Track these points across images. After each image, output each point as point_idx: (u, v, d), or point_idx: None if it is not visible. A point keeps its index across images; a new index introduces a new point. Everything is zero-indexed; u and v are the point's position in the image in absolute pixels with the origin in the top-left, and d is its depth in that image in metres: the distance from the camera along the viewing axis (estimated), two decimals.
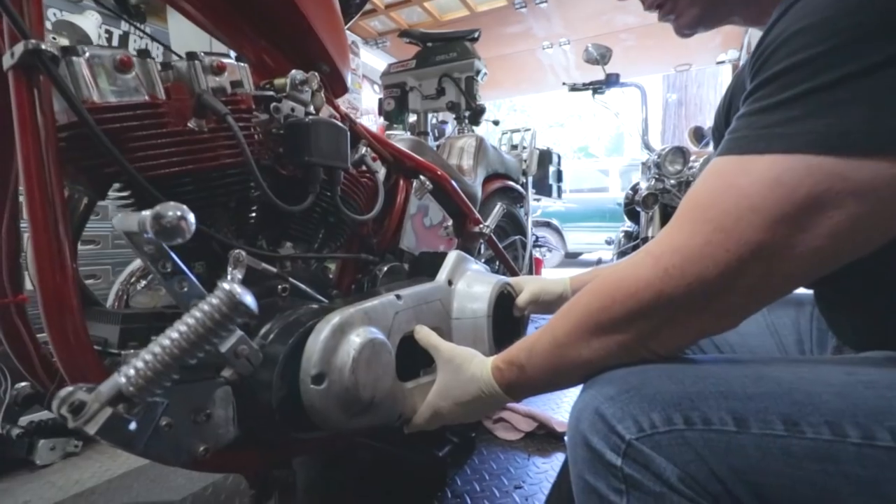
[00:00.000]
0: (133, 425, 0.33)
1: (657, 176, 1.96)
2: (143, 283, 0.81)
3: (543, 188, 3.02)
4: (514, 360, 0.56)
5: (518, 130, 2.02)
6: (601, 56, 2.29)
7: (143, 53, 0.57)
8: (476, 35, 2.82)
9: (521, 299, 0.93)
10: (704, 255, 0.41)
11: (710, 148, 2.77)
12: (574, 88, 2.47)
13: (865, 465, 0.35)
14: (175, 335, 0.33)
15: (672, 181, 1.95)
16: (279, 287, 0.71)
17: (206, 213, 0.63)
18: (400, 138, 1.09)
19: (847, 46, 0.37)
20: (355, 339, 0.60)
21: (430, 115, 2.92)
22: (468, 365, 0.61)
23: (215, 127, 0.62)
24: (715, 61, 3.86)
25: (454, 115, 2.76)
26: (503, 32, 3.64)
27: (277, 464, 0.65)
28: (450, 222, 1.28)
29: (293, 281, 0.72)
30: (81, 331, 0.50)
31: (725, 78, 7.18)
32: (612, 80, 2.34)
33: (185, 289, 0.43)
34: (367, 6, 3.45)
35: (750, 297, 0.43)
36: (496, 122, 3.05)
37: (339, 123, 0.74)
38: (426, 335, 0.70)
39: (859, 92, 0.37)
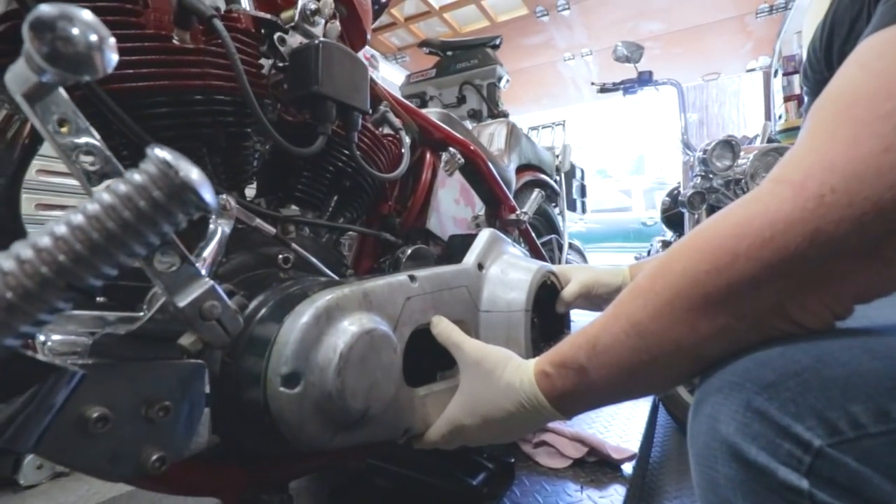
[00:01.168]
0: None
1: (703, 173, 1.78)
2: None
3: (567, 203, 2.88)
4: (567, 361, 0.42)
5: (548, 126, 1.88)
6: (632, 53, 2.17)
7: None
8: (497, 42, 2.74)
9: (569, 291, 0.77)
10: (884, 169, 0.27)
11: (773, 127, 2.59)
12: (604, 89, 2.34)
13: None
14: (62, 230, 0.18)
15: (720, 180, 1.77)
16: (280, 256, 0.56)
17: (187, 148, 0.49)
18: (427, 110, 0.95)
19: None
20: (347, 328, 0.44)
21: None
22: (502, 370, 0.47)
23: (203, 46, 0.49)
24: (745, 69, 3.73)
25: (476, 124, 2.67)
26: (523, 44, 3.58)
27: (268, 486, 0.48)
28: (481, 211, 1.12)
29: (298, 250, 0.57)
30: None
31: (748, 95, 7.02)
32: (644, 79, 2.21)
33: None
34: (387, 19, 3.44)
35: None
36: None
37: (357, 56, 0.60)
38: (446, 329, 0.55)
39: None
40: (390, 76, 3.93)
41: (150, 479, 0.42)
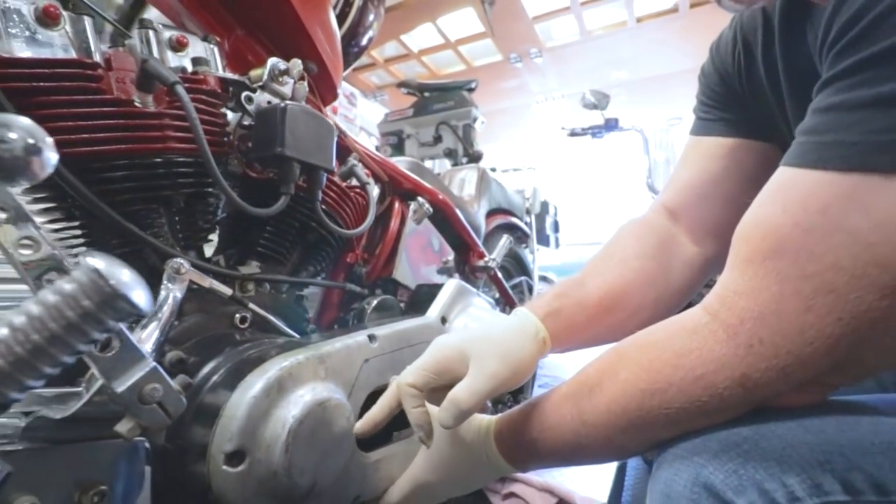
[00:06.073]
0: None
1: None
2: None
3: (541, 238, 2.94)
4: (520, 432, 0.44)
5: (520, 169, 1.93)
6: (599, 101, 2.28)
7: (81, 6, 0.46)
8: (473, 85, 2.85)
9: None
10: (805, 328, 0.29)
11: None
12: (573, 134, 2.44)
13: None
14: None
15: None
16: (238, 316, 0.55)
17: (144, 211, 0.48)
18: (397, 159, 0.97)
19: None
20: (299, 399, 0.44)
21: (426, 163, 2.91)
22: (465, 430, 0.48)
23: (166, 109, 0.49)
24: None
25: (452, 162, 2.75)
26: (499, 87, 3.73)
27: None
28: (450, 256, 1.14)
29: (256, 309, 0.56)
30: None
31: None
32: (611, 125, 2.31)
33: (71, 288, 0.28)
34: (366, 60, 3.53)
35: (859, 372, 0.33)
36: (493, 170, 3.02)
37: (324, 116, 0.62)
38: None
39: None
40: (369, 113, 4.00)
41: None
